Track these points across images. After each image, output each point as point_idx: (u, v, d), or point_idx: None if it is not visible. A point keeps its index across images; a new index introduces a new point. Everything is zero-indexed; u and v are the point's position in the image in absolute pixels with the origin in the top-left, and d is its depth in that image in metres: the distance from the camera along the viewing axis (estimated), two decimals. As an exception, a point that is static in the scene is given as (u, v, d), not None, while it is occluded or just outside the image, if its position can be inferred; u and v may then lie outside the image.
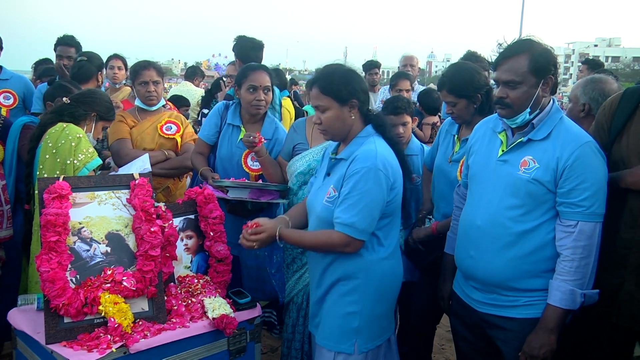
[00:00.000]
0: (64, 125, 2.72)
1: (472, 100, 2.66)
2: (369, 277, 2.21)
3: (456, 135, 2.83)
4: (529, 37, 2.13)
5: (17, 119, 3.63)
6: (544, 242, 2.07)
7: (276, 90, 3.48)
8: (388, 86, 6.73)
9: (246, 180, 2.94)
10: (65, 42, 4.26)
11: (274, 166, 2.94)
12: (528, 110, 2.08)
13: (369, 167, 2.12)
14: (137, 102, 3.44)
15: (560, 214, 2.05)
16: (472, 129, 2.76)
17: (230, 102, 3.23)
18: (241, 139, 3.02)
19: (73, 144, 2.66)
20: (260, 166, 2.99)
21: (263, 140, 2.83)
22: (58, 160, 2.65)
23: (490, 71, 3.24)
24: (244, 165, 3.05)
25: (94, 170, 2.70)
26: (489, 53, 2.22)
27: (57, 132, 2.69)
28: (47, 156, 2.66)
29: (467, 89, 2.63)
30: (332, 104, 2.20)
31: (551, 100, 2.14)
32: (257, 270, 3.09)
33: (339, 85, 2.19)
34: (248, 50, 3.88)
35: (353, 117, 2.22)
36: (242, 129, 3.09)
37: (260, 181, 3.00)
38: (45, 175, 2.61)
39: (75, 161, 2.65)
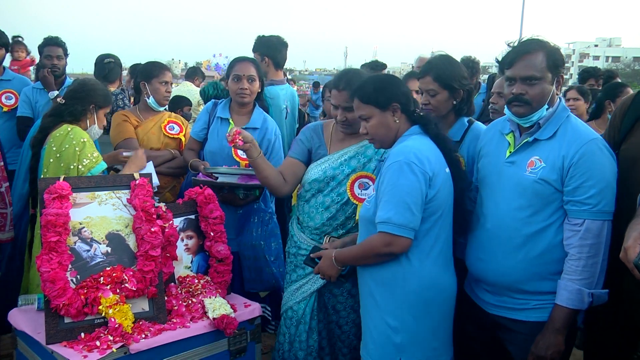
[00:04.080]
0: (69, 129, 2.68)
1: (453, 94, 2.57)
2: (406, 286, 2.10)
3: None
4: (538, 37, 2.12)
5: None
6: (552, 244, 2.04)
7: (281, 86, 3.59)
8: None
9: (237, 167, 3.00)
10: (54, 42, 4.23)
11: (269, 168, 2.68)
12: (545, 107, 2.06)
13: (399, 162, 2.08)
14: (151, 101, 3.39)
15: (568, 212, 2.02)
16: (445, 129, 2.71)
17: (220, 100, 3.34)
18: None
19: (77, 149, 2.63)
20: None
21: (239, 131, 2.59)
22: (62, 164, 2.62)
23: (478, 76, 3.23)
24: (234, 155, 3.07)
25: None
26: (495, 54, 2.20)
27: (61, 136, 2.66)
28: (51, 160, 2.63)
29: (454, 81, 2.55)
30: (373, 112, 2.21)
31: (558, 99, 2.12)
32: (254, 260, 3.08)
33: (376, 92, 2.20)
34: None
35: (397, 121, 2.22)
36: (231, 121, 3.15)
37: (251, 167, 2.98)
38: (49, 178, 2.60)
39: (79, 166, 2.62)
